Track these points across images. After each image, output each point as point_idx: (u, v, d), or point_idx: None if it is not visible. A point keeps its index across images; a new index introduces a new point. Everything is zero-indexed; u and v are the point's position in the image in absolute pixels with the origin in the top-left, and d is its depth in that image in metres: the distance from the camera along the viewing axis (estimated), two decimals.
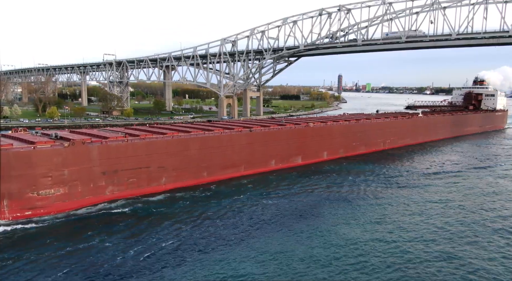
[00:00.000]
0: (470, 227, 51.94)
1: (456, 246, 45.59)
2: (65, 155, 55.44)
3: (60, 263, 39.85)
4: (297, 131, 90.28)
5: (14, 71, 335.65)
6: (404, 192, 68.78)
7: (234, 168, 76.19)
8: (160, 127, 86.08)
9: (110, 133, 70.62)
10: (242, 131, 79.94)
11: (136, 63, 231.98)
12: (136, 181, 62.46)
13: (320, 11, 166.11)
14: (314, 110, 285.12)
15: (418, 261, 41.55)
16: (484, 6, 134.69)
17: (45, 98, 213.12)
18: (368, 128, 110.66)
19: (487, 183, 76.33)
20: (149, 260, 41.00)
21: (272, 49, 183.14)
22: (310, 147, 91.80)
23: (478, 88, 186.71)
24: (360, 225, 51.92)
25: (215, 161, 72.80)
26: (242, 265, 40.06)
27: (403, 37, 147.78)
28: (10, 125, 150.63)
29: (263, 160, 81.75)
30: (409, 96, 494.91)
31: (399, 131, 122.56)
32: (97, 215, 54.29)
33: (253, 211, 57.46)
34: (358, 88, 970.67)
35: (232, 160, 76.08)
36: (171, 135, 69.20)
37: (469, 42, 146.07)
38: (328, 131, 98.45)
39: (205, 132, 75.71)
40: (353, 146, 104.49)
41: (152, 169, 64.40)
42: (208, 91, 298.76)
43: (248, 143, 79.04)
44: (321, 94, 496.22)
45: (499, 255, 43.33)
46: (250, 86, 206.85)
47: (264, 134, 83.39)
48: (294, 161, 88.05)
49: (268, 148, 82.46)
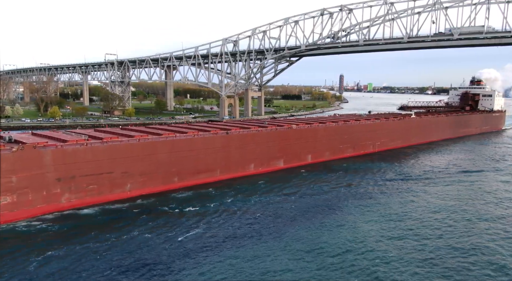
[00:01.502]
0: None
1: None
2: (13, 161, 51.27)
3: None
4: (279, 133, 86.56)
5: (16, 71, 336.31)
6: (384, 200, 64.23)
7: (208, 172, 72.29)
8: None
9: (74, 136, 65.69)
10: (218, 133, 76.06)
11: (137, 63, 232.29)
12: (97, 187, 58.59)
13: (321, 11, 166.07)
14: (315, 110, 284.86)
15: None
16: (486, 6, 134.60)
17: (47, 98, 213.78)
18: (356, 130, 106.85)
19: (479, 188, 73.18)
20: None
21: (274, 49, 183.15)
22: (293, 150, 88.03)
23: (475, 88, 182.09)
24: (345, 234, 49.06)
25: (187, 165, 68.93)
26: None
27: (456, 34, 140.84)
28: (12, 125, 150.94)
29: (241, 164, 77.93)
30: (410, 96, 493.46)
31: (390, 133, 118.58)
32: (40, 228, 49.06)
33: (223, 221, 53.01)
34: (359, 88, 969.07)
35: (206, 164, 72.10)
36: (138, 138, 65.38)
37: (471, 42, 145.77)
38: (312, 133, 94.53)
39: (176, 134, 71.15)
40: (340, 148, 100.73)
41: (115, 174, 60.39)
42: (209, 91, 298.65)
43: (223, 146, 75.23)
44: (322, 94, 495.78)
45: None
46: (251, 86, 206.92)
47: (241, 137, 79.10)
48: (275, 165, 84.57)
49: (246, 151, 78.77)
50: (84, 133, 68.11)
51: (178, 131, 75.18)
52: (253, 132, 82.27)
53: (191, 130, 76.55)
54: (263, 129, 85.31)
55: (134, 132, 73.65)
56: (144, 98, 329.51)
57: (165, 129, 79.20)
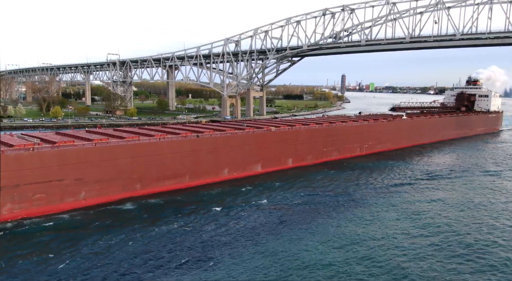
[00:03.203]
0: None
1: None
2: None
3: None
4: (256, 136, 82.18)
5: (18, 71, 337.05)
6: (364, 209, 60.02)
7: (176, 178, 68.09)
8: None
9: (21, 140, 61.09)
10: (187, 137, 71.94)
11: (139, 63, 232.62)
12: (45, 196, 54.12)
13: (323, 11, 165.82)
14: (317, 110, 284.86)
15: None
16: (489, 6, 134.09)
17: (49, 98, 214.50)
18: (342, 132, 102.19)
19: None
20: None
21: (276, 49, 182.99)
22: (272, 153, 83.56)
23: (471, 89, 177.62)
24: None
25: (151, 171, 64.83)
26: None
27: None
28: (14, 125, 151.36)
29: (214, 169, 73.56)
30: (412, 96, 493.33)
31: (379, 135, 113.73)
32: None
33: (187, 234, 48.34)
34: (361, 88, 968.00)
35: (173, 170, 67.85)
36: (94, 143, 61.22)
37: (474, 42, 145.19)
38: (294, 135, 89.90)
39: (140, 137, 67.25)
40: (324, 152, 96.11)
41: (67, 182, 56.10)
42: (211, 90, 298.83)
43: (193, 150, 70.89)
44: (324, 94, 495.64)
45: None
46: (253, 86, 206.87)
47: (213, 140, 74.67)
48: (252, 170, 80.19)
49: (219, 156, 74.49)
50: (39, 137, 64.65)
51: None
52: (227, 134, 78.21)
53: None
54: (238, 131, 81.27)
55: (99, 135, 69.19)
56: (146, 98, 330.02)
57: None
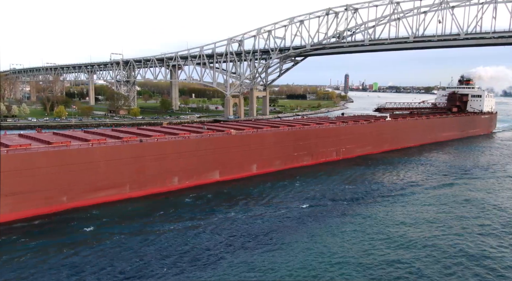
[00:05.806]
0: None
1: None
2: None
3: None
4: (212, 140, 75.02)
5: (22, 70, 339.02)
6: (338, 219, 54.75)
7: (113, 189, 61.18)
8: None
9: None
10: (128, 142, 65.36)
11: (143, 63, 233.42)
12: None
13: (327, 11, 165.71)
14: (320, 110, 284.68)
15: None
16: (493, 5, 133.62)
17: (53, 97, 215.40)
18: (315, 135, 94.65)
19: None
20: None
21: (279, 48, 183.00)
22: (232, 159, 76.73)
23: (463, 88, 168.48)
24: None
25: (81, 180, 57.90)
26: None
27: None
28: (18, 124, 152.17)
29: (160, 178, 66.66)
30: (416, 95, 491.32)
31: (359, 138, 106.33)
32: None
33: (126, 252, 43.34)
34: (365, 87, 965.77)
35: (110, 179, 60.81)
36: (5, 150, 53.37)
37: (478, 42, 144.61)
38: (258, 139, 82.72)
39: (69, 143, 60.93)
40: (294, 156, 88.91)
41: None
42: (214, 90, 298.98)
43: (134, 157, 63.73)
44: (327, 93, 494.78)
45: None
46: (256, 86, 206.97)
47: (160, 145, 67.51)
48: (208, 177, 73.23)
49: (167, 163, 67.35)
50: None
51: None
52: (177, 139, 71.50)
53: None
54: (190, 136, 74.25)
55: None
56: (149, 97, 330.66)
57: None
